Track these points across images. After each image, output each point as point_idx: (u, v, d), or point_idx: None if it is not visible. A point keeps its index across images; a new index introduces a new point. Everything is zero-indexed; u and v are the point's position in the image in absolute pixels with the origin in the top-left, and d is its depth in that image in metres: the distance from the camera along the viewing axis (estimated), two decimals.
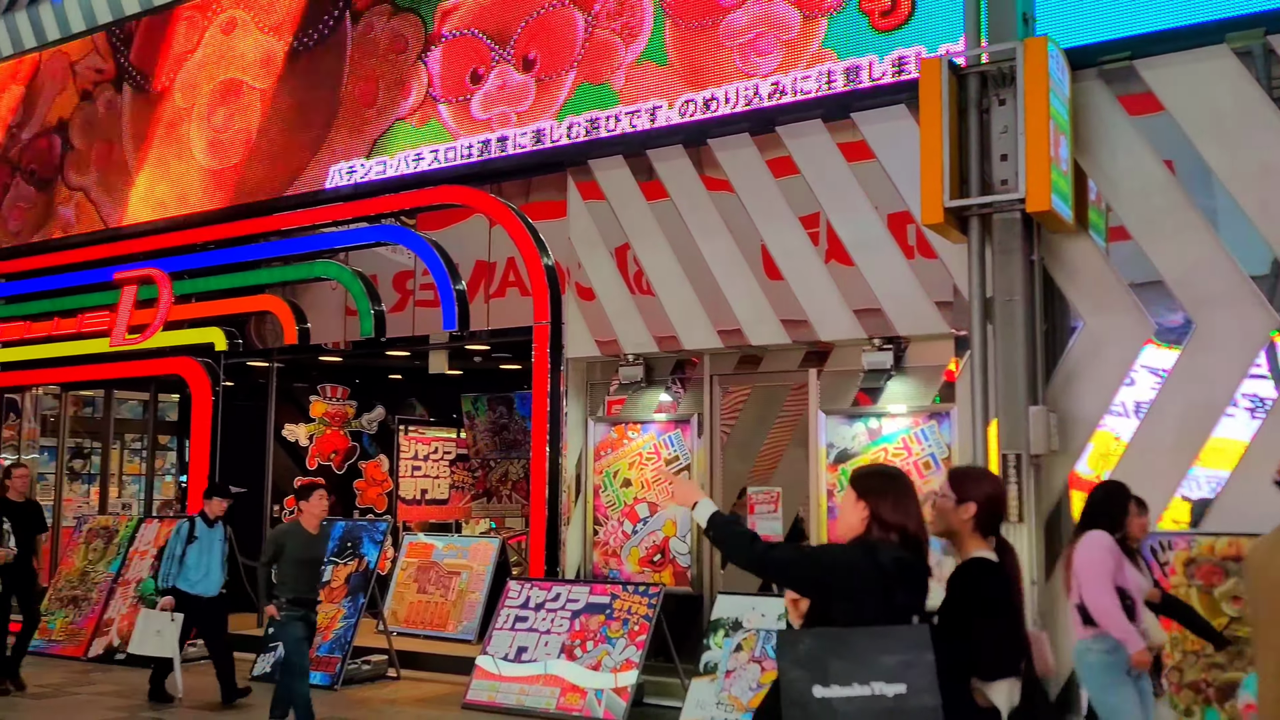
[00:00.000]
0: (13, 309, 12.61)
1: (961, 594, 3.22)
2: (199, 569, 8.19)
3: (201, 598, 8.21)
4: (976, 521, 3.30)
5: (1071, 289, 6.75)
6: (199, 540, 8.22)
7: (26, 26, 13.64)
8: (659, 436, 8.68)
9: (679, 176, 8.48)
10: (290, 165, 10.47)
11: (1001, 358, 6.42)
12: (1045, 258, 6.67)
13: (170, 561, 8.19)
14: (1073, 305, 6.79)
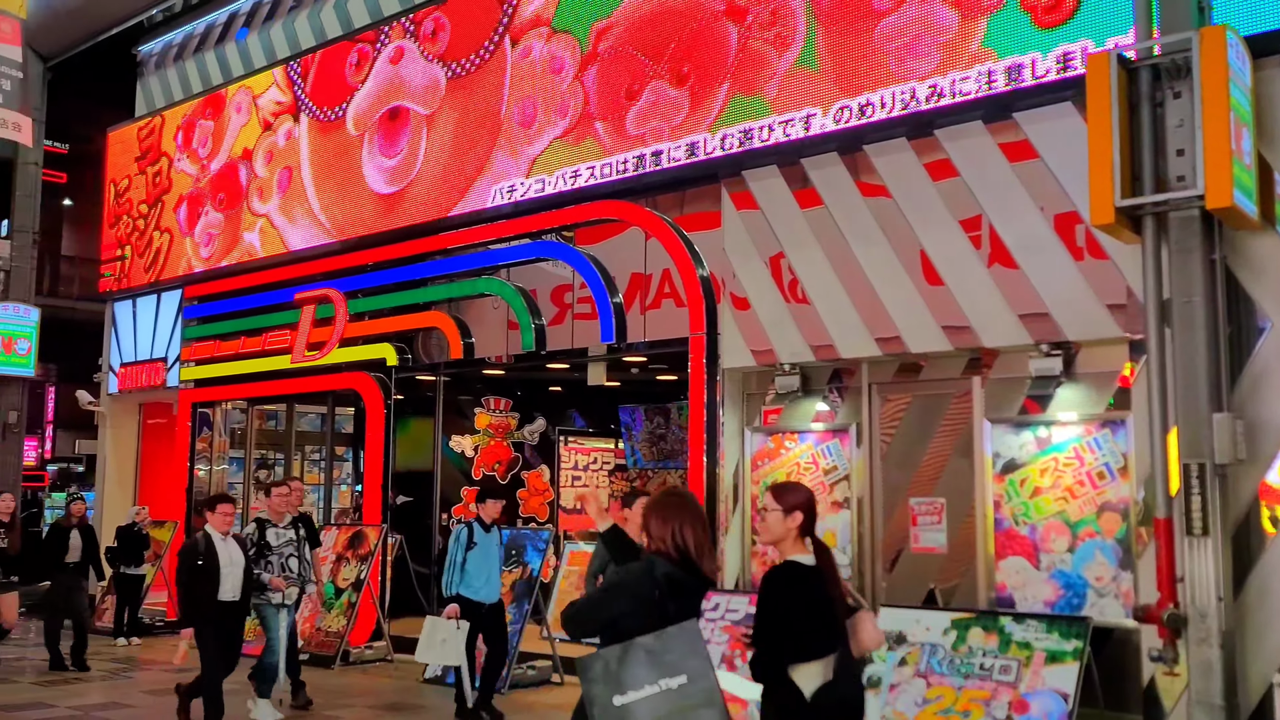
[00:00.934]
0: (204, 329, 13.49)
1: (775, 590, 3.71)
2: (480, 575, 8.05)
3: (484, 604, 8.09)
4: (801, 528, 3.77)
5: (1257, 288, 6.38)
6: (478, 546, 8.06)
7: (214, 64, 14.60)
8: (817, 446, 8.60)
9: (834, 183, 8.41)
10: (454, 186, 10.86)
11: (1181, 362, 6.11)
12: (1228, 256, 6.31)
13: (452, 569, 8.01)
14: (1259, 305, 6.40)
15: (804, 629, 3.62)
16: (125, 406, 15.33)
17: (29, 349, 15.36)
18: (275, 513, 8.37)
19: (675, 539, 3.87)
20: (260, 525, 8.27)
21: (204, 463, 13.79)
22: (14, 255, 15.94)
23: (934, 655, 6.95)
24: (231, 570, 7.51)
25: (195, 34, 14.92)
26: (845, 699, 3.68)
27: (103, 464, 15.32)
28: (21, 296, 16.02)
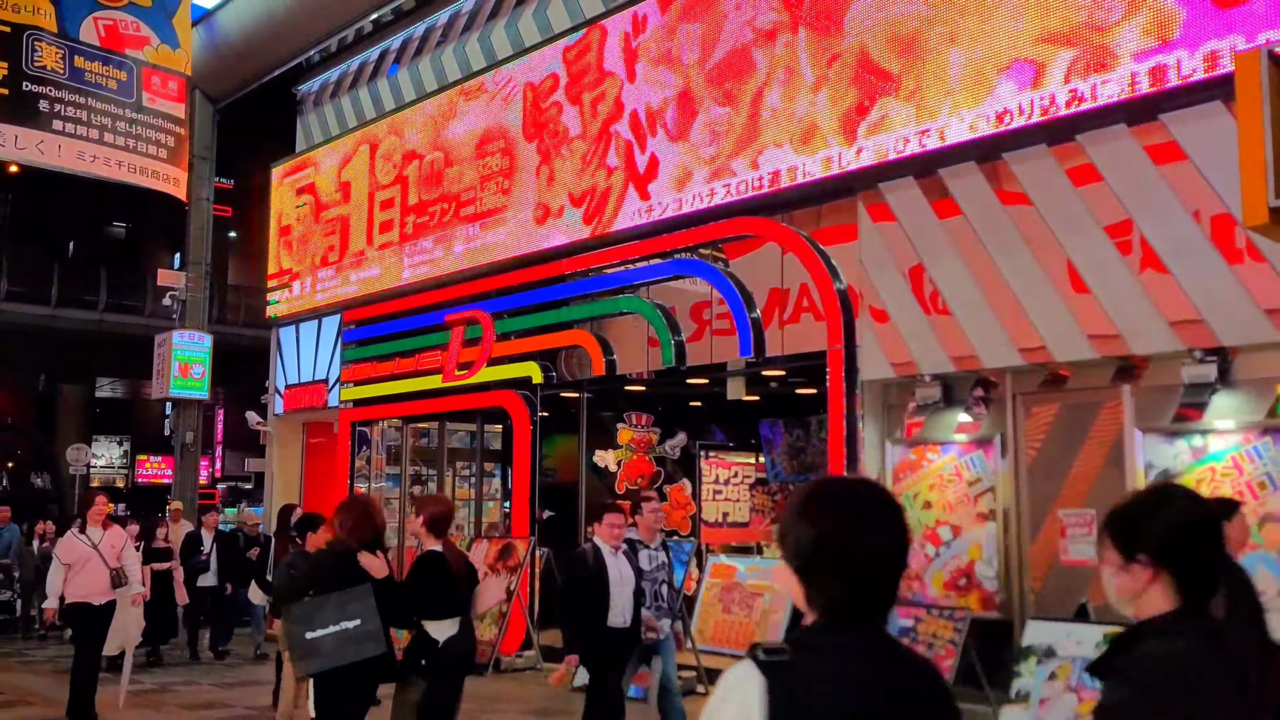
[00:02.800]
0: (362, 352, 14.19)
1: (416, 570, 5.47)
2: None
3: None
4: (427, 528, 5.50)
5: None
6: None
7: (367, 99, 15.39)
8: (960, 458, 8.53)
9: (973, 193, 8.36)
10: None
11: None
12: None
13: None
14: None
15: (433, 595, 5.39)
16: (290, 426, 16.21)
17: (203, 373, 16.47)
18: (648, 531, 6.99)
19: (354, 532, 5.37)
20: (632, 546, 6.88)
21: (363, 480, 14.47)
22: (188, 286, 17.11)
23: (1085, 670, 6.80)
24: (622, 589, 6.39)
25: (350, 71, 15.76)
26: (466, 648, 5.48)
27: (270, 481, 16.23)
28: (196, 325, 17.20)
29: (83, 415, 35.60)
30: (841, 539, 1.77)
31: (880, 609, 1.81)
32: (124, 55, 13.50)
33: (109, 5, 13.57)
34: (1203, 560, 1.98)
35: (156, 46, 14.09)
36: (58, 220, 41.58)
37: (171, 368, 16.15)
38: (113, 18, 13.46)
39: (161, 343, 16.68)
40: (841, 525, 1.79)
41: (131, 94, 13.64)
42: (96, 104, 12.75)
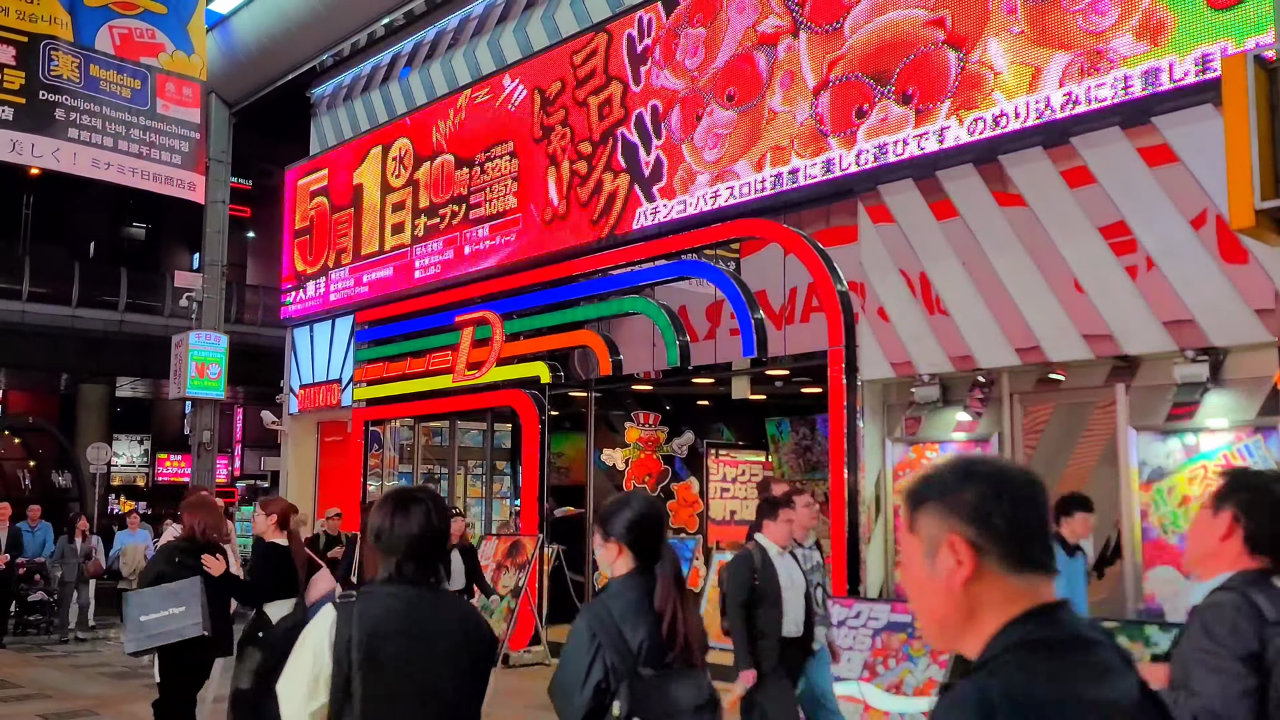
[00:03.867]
0: (374, 352, 14.40)
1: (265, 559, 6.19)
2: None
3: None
4: (276, 525, 6.21)
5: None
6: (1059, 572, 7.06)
7: (379, 102, 15.58)
8: None
9: (970, 195, 8.47)
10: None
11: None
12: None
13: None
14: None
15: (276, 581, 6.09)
16: (305, 425, 16.44)
17: (219, 373, 16.70)
18: (801, 528, 6.31)
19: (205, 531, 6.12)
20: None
21: (375, 478, 14.68)
22: (205, 287, 17.36)
23: None
24: (794, 595, 5.83)
25: (362, 75, 15.96)
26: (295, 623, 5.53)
27: (285, 480, 16.46)
28: (212, 325, 17.44)
29: (104, 414, 35.99)
30: (393, 527, 2.79)
31: (422, 570, 2.80)
32: (138, 63, 13.73)
33: (124, 13, 13.79)
34: (649, 540, 2.98)
35: (171, 53, 14.30)
36: (79, 221, 42.08)
37: (188, 368, 16.40)
38: (128, 26, 13.68)
39: (178, 343, 16.94)
40: (393, 518, 2.80)
41: (146, 101, 13.86)
42: (111, 112, 12.97)
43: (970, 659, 1.48)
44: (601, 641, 2.83)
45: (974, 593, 1.48)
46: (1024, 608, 1.45)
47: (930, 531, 1.52)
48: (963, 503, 1.48)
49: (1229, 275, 7.05)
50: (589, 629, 2.87)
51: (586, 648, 2.84)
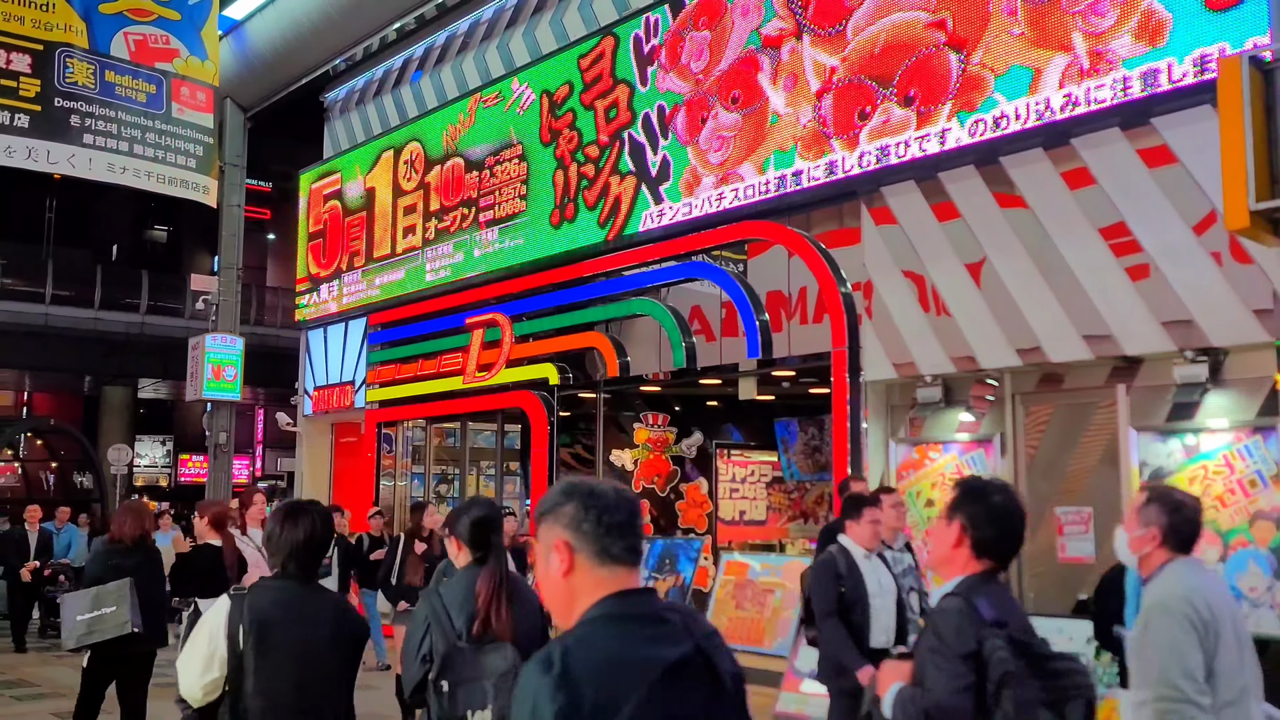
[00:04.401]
0: (386, 354, 14.53)
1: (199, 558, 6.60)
2: None
3: None
4: (211, 526, 6.65)
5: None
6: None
7: (391, 107, 15.71)
8: (961, 456, 8.66)
9: (971, 196, 8.49)
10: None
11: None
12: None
13: None
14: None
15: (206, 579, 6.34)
16: (319, 427, 16.59)
17: (235, 375, 16.89)
18: (889, 529, 5.88)
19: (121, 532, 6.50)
20: None
21: (389, 478, 14.81)
22: (221, 290, 17.54)
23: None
24: (882, 602, 5.36)
25: (375, 79, 16.09)
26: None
27: (300, 481, 16.62)
28: (228, 328, 17.63)
29: (127, 416, 36.38)
30: (281, 533, 3.36)
31: (306, 570, 3.38)
32: (153, 68, 13.91)
33: (139, 20, 13.98)
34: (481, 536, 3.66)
35: (186, 59, 14.49)
36: (101, 225, 42.51)
37: (205, 370, 16.58)
38: (143, 32, 13.86)
39: (195, 346, 17.13)
40: (283, 526, 3.38)
41: (161, 105, 14.04)
42: (127, 116, 13.15)
43: None
44: (431, 622, 3.48)
45: (573, 582, 1.94)
46: (608, 591, 1.91)
47: (546, 539, 1.97)
48: (563, 514, 1.95)
49: (1228, 275, 7.05)
50: (423, 612, 3.56)
51: (420, 627, 3.51)
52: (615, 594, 1.92)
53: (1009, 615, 2.58)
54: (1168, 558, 3.24)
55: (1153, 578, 3.28)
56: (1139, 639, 3.16)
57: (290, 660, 3.25)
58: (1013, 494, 2.82)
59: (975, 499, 2.77)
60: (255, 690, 3.21)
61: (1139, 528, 3.32)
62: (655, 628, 1.90)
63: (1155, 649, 3.06)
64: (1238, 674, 3.06)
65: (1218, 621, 3.05)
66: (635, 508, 2.00)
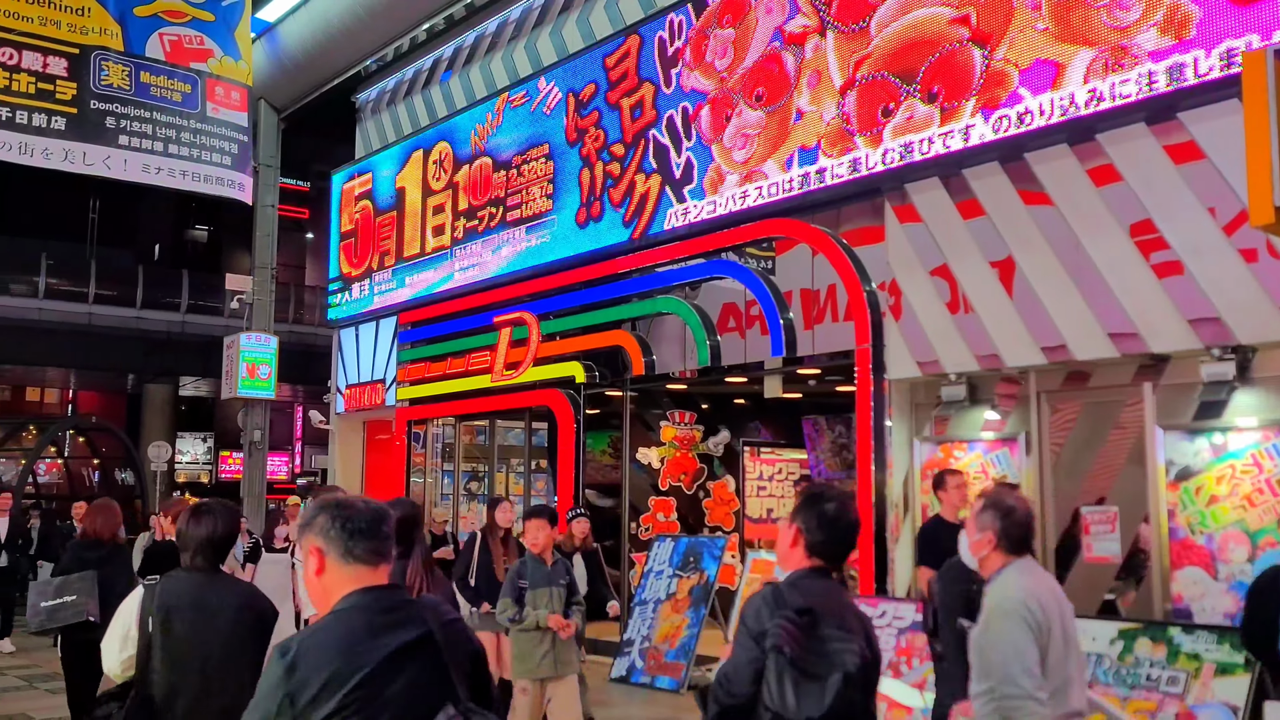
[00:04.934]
0: (416, 352, 14.64)
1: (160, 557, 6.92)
2: None
3: None
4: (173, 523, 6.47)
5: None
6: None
7: (421, 107, 15.82)
8: (986, 455, 8.60)
9: (996, 193, 8.41)
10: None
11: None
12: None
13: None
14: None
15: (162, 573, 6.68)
16: (351, 425, 16.75)
17: (269, 374, 17.09)
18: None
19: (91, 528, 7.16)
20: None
21: (419, 476, 14.92)
22: (255, 289, 17.76)
23: (1099, 665, 6.88)
24: None
25: (405, 80, 16.22)
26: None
27: (333, 478, 16.79)
28: (263, 327, 17.84)
29: (168, 413, 36.94)
30: (189, 529, 3.86)
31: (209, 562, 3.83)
32: (188, 68, 14.09)
33: (174, 22, 14.16)
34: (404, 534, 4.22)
35: (220, 59, 14.66)
36: (143, 225, 43.17)
37: (239, 368, 16.79)
38: (177, 33, 14.05)
39: (230, 344, 17.35)
40: (190, 524, 3.88)
41: (196, 105, 14.22)
42: (162, 116, 13.34)
43: None
44: None
45: (325, 581, 2.37)
46: (353, 587, 2.32)
47: (304, 546, 2.39)
48: (316, 525, 2.38)
49: (1255, 272, 6.94)
50: None
51: None
52: (359, 589, 2.32)
53: (820, 604, 2.89)
54: (1004, 561, 3.53)
55: (992, 580, 3.55)
56: (980, 637, 3.43)
57: (191, 643, 3.65)
58: (845, 503, 3.11)
59: (811, 506, 3.08)
60: (161, 668, 3.63)
61: (976, 532, 3.58)
62: (390, 616, 2.29)
63: (996, 649, 3.34)
64: (1063, 666, 3.39)
65: (1049, 620, 3.36)
66: (378, 517, 2.40)
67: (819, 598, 2.92)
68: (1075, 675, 3.46)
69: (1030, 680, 3.24)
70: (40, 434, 24.00)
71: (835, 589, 3.07)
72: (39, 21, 12.29)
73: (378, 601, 2.31)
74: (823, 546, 3.04)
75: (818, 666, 2.78)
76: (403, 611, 2.32)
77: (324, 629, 2.26)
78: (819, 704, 2.73)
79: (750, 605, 2.98)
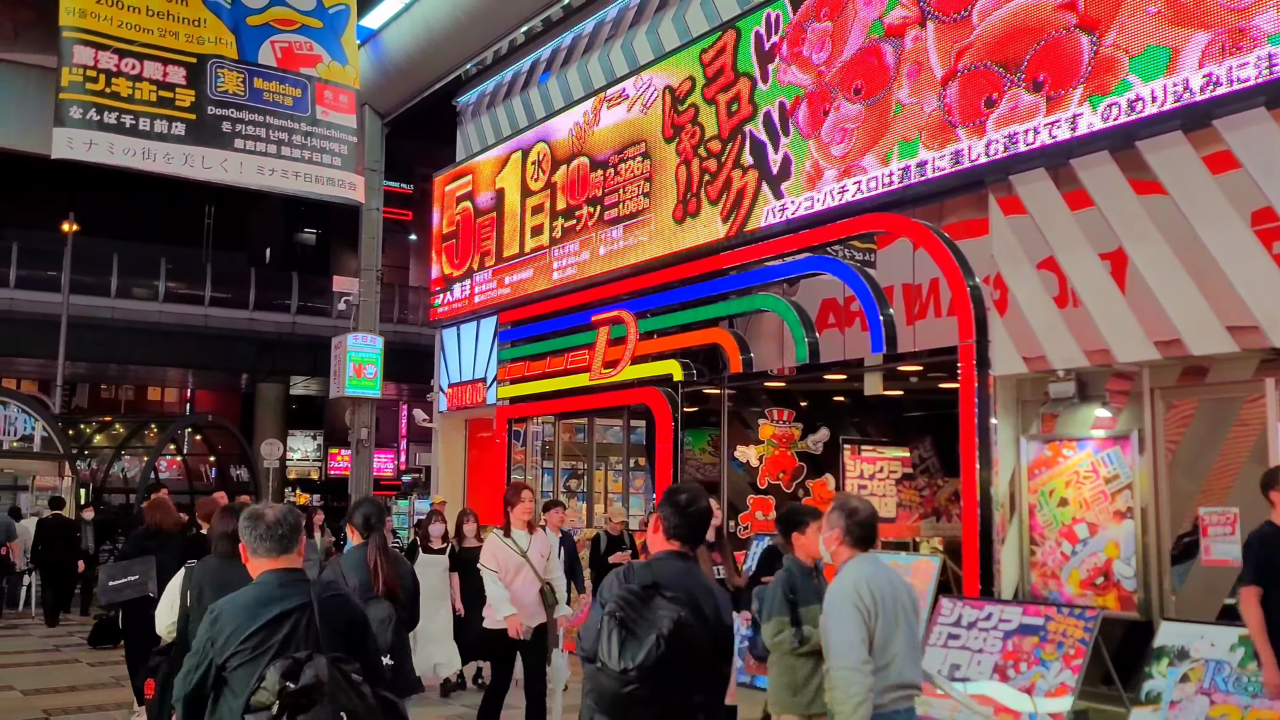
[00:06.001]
0: (516, 351, 14.83)
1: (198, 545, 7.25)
2: None
3: None
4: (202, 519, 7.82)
5: None
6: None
7: (520, 109, 16.02)
8: (1096, 454, 8.33)
9: (1106, 183, 8.14)
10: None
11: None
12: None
13: None
14: None
15: None
16: (454, 423, 17.06)
17: (375, 373, 17.51)
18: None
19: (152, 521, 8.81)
20: None
21: (519, 473, 15.11)
22: (361, 291, 18.21)
23: (1219, 673, 6.62)
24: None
25: (504, 82, 16.45)
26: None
27: (436, 475, 17.15)
28: (369, 327, 18.28)
29: (280, 411, 38.17)
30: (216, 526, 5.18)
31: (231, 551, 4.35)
32: (299, 73, 14.51)
33: (284, 29, 14.60)
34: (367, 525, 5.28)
35: (328, 63, 15.06)
36: (255, 229, 44.67)
37: (346, 368, 17.25)
38: (288, 40, 14.48)
39: (337, 345, 17.82)
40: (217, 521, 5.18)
41: (306, 108, 14.64)
42: (274, 120, 13.78)
43: None
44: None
45: (249, 565, 3.46)
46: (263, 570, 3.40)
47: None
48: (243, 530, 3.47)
49: None
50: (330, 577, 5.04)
51: None
52: (266, 570, 3.40)
53: (667, 579, 3.42)
54: (849, 555, 4.08)
55: (838, 571, 4.09)
56: (823, 621, 4.04)
57: None
58: (697, 495, 3.66)
59: (669, 498, 3.68)
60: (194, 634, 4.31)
61: (828, 530, 4.16)
62: (283, 590, 3.32)
63: (833, 631, 3.94)
64: (891, 644, 3.95)
65: (879, 604, 3.91)
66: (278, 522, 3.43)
67: (670, 575, 3.46)
68: (903, 651, 3.99)
69: (857, 655, 3.84)
70: (161, 432, 25.01)
71: (690, 568, 3.58)
72: (158, 33, 12.82)
73: (276, 579, 3.37)
74: (678, 530, 3.61)
75: (640, 628, 3.29)
76: (293, 587, 3.34)
77: (240, 596, 3.33)
78: (634, 658, 3.25)
79: (606, 579, 3.57)
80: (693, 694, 3.38)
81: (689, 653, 3.31)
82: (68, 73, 12.23)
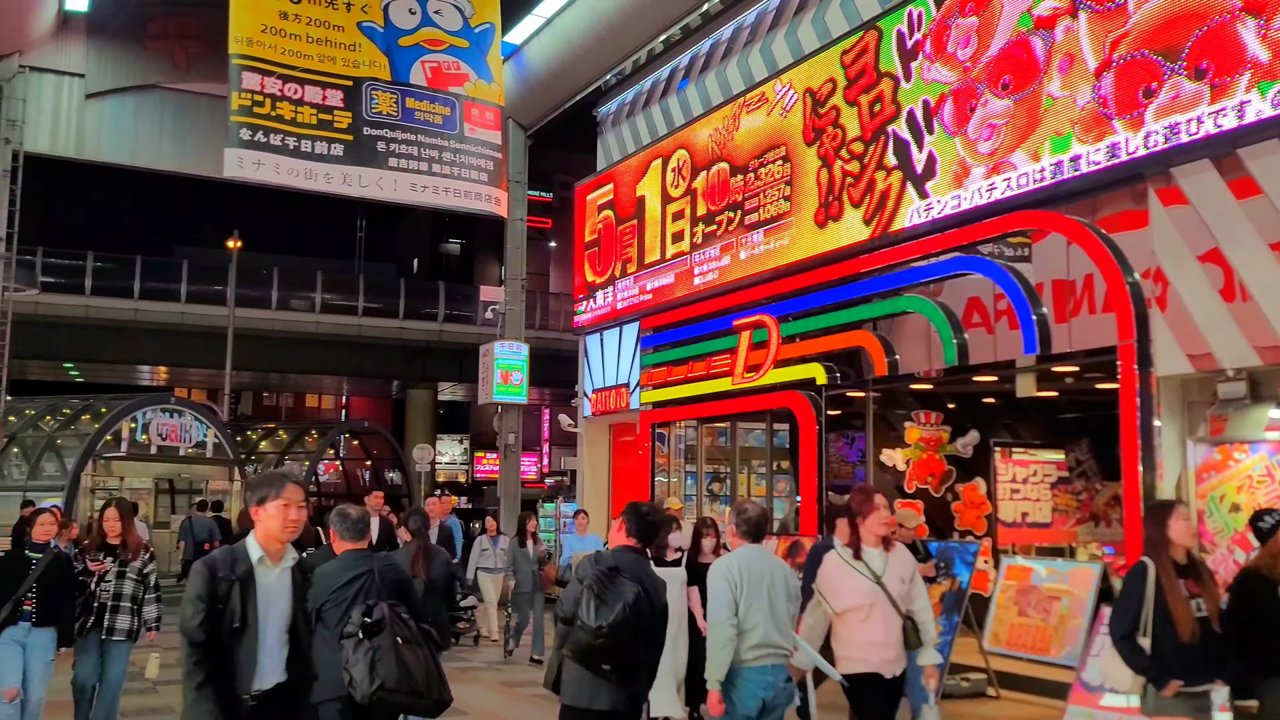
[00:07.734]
0: (658, 357, 14.99)
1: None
2: None
3: None
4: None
5: None
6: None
7: (659, 116, 16.17)
8: (1272, 457, 7.93)
9: (1276, 171, 7.75)
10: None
11: None
12: None
13: None
14: None
15: None
16: (598, 427, 17.33)
17: (521, 380, 17.95)
18: None
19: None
20: None
21: (663, 476, 15.25)
22: (507, 300, 18.69)
23: None
24: None
25: (643, 91, 16.65)
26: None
27: (582, 479, 17.44)
28: (515, 335, 18.76)
29: (429, 417, 39.39)
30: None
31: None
32: (447, 92, 15.06)
33: (434, 50, 15.18)
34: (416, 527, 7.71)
35: (474, 81, 15.59)
36: (403, 242, 46.31)
37: (494, 375, 17.72)
38: (437, 60, 15.04)
39: (485, 352, 18.33)
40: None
41: (455, 126, 15.18)
42: (425, 138, 14.34)
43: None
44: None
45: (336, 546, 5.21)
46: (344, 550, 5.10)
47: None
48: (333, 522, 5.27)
49: None
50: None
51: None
52: (346, 551, 5.01)
53: (624, 565, 4.71)
54: (740, 544, 5.29)
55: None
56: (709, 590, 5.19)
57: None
58: (655, 510, 5.25)
59: (631, 510, 4.97)
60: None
61: (730, 527, 5.47)
62: (356, 562, 4.95)
63: (710, 596, 5.13)
64: (756, 614, 5.04)
65: (746, 580, 5.06)
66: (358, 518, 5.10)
67: (626, 563, 4.74)
68: (763, 621, 5.06)
69: (725, 614, 5.02)
70: (321, 438, 26.16)
71: (639, 560, 4.85)
72: (318, 59, 13.50)
73: (352, 555, 5.01)
74: (636, 533, 4.90)
75: (609, 596, 4.53)
76: (363, 562, 4.98)
77: (330, 566, 4.95)
78: (606, 618, 4.48)
79: (583, 562, 4.80)
80: (638, 649, 4.63)
81: (640, 618, 4.56)
82: (236, 97, 12.99)
